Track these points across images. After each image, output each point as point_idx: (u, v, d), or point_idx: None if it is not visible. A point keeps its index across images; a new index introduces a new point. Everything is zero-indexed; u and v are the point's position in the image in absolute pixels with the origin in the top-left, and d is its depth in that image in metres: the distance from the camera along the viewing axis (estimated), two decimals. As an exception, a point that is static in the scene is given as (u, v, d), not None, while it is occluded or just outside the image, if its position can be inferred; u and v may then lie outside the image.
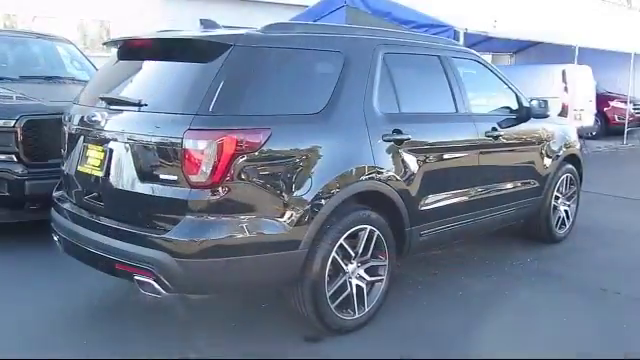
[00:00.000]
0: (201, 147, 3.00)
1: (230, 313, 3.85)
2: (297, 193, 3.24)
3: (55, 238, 3.83)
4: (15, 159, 5.02)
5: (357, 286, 3.65)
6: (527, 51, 15.08)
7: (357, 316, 3.65)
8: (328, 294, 3.47)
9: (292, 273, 3.32)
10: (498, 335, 3.75)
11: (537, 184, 5.20)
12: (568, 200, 5.76)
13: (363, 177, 3.56)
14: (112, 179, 3.33)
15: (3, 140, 5.00)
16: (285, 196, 3.20)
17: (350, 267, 3.60)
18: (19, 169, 5.01)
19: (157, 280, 3.07)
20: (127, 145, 3.24)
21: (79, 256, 3.55)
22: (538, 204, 5.31)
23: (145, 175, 3.18)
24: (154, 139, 3.13)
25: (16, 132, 4.99)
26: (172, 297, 3.64)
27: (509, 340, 3.68)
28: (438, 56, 4.39)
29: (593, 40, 12.36)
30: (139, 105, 3.24)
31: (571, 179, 5.73)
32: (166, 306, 3.80)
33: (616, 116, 15.04)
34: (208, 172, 3.01)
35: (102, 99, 3.48)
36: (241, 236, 3.09)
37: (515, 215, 5.08)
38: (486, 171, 4.57)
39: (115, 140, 3.32)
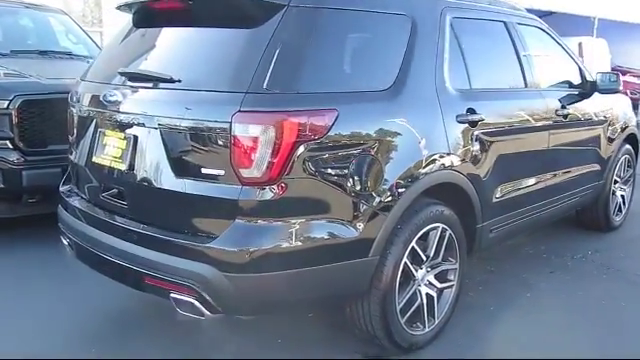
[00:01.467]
0: (255, 134, 2.39)
1: (273, 326, 3.26)
2: (367, 188, 2.65)
3: (65, 241, 3.21)
4: (10, 145, 4.37)
5: (427, 295, 3.08)
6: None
7: (427, 330, 3.09)
8: (398, 307, 2.91)
9: (361, 285, 2.74)
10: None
11: (599, 167, 4.66)
12: (625, 184, 5.26)
13: (439, 166, 2.97)
14: (137, 173, 2.71)
15: (-5, 124, 4.34)
16: (354, 192, 2.61)
17: (420, 273, 3.02)
18: (15, 157, 4.37)
19: (200, 299, 2.48)
20: (157, 131, 2.61)
21: (96, 265, 2.95)
22: (599, 189, 4.77)
23: (182, 169, 2.56)
24: (193, 124, 2.51)
25: (10, 114, 4.33)
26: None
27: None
28: (504, 22, 3.78)
29: (612, 11, 11.78)
30: (171, 81, 2.60)
31: (629, 161, 5.21)
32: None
33: (629, 91, 14.53)
34: (264, 165, 2.39)
35: (122, 74, 2.83)
36: (305, 243, 2.50)
37: (578, 202, 4.54)
38: (555, 154, 4.01)
39: (141, 125, 2.69)
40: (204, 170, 2.49)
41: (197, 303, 2.49)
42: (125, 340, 3.13)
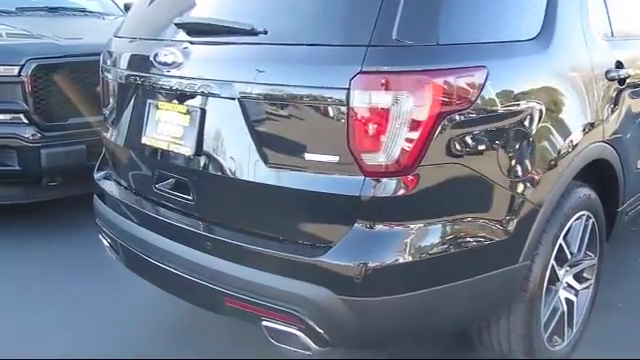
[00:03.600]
0: (384, 104, 1.69)
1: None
2: (519, 174, 1.97)
3: (105, 242, 2.56)
4: (24, 120, 3.68)
5: (566, 300, 2.43)
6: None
7: (564, 344, 2.46)
8: (543, 320, 2.26)
9: (506, 299, 2.09)
10: None
11: None
12: None
13: (592, 139, 2.28)
14: (207, 159, 2.02)
15: (6, 94, 3.64)
16: (505, 180, 1.93)
17: (562, 275, 2.37)
18: (30, 133, 3.68)
19: (306, 330, 1.83)
20: (235, 103, 1.91)
21: (153, 278, 2.31)
22: None
23: (275, 155, 1.87)
24: (290, 92, 1.81)
25: (23, 83, 3.63)
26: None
27: None
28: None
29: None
30: (253, 33, 1.89)
31: None
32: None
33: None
34: (396, 148, 1.71)
35: (180, 26, 2.12)
36: (448, 253, 1.83)
37: None
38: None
39: (211, 95, 1.99)
40: (308, 156, 1.80)
41: (302, 335, 1.84)
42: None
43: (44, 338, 2.66)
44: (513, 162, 1.93)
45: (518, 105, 1.95)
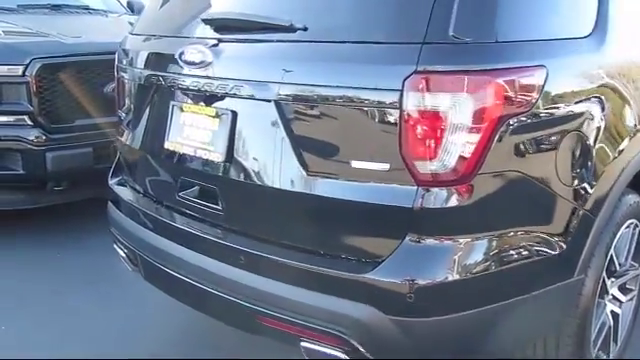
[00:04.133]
0: (442, 106, 1.55)
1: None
2: (577, 181, 1.83)
3: (121, 252, 2.41)
4: (29, 122, 3.53)
5: (612, 313, 2.30)
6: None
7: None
8: (593, 337, 2.13)
9: (558, 316, 1.95)
10: None
11: None
12: None
13: (644, 141, 2.14)
14: (240, 166, 1.87)
15: (10, 95, 3.48)
16: (561, 188, 1.78)
17: (609, 286, 2.24)
18: (35, 135, 3.51)
19: (351, 352, 1.68)
20: (271, 105, 1.76)
21: (176, 293, 2.15)
22: None
23: (316, 162, 1.72)
24: (333, 94, 1.66)
25: (28, 83, 3.47)
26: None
27: None
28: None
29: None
30: (292, 30, 1.74)
31: None
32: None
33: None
34: (454, 155, 1.56)
35: (208, 22, 1.96)
36: (506, 267, 1.69)
37: None
38: None
39: (244, 96, 1.84)
40: (355, 164, 1.65)
41: (345, 358, 1.69)
42: None
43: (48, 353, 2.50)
44: (571, 168, 1.79)
45: (576, 107, 1.81)
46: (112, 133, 3.68)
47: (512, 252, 1.71)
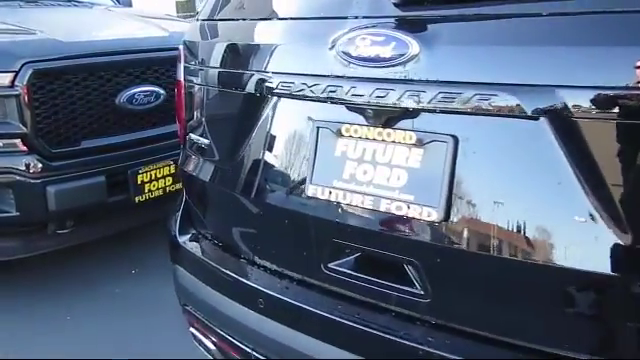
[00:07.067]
0: None
1: None
2: None
3: (205, 341, 1.64)
4: (21, 147, 2.68)
5: None
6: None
7: None
8: None
9: None
10: None
11: None
12: None
13: None
14: (471, 227, 1.12)
15: (-6, 113, 2.62)
16: None
17: None
18: (31, 164, 2.67)
19: None
20: (543, 126, 1.01)
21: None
22: None
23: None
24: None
25: (18, 96, 2.61)
26: None
27: None
28: None
29: None
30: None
31: None
32: None
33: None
34: None
35: (397, 5, 1.19)
36: None
37: None
38: None
39: (482, 111, 1.08)
40: None
41: None
42: None
43: None
44: None
45: None
46: (129, 156, 2.90)
47: None
